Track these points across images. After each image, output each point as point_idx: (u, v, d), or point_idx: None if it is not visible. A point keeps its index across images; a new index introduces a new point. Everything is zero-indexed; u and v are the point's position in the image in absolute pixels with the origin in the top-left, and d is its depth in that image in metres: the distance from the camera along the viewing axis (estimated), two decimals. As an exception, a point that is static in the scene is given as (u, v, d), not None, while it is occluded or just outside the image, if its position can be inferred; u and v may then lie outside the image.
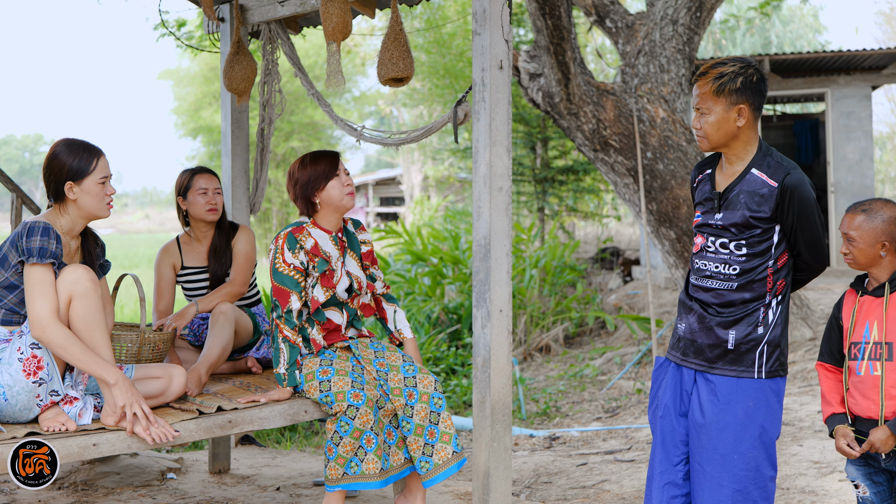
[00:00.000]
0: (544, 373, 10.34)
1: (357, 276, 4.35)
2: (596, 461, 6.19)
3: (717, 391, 3.34)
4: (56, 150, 3.78)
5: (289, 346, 4.15)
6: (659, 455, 3.52)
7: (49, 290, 3.59)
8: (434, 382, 4.20)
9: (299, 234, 4.21)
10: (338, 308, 4.32)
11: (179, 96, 33.24)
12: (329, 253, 4.25)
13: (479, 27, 4.14)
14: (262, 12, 5.45)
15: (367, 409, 3.97)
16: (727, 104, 3.31)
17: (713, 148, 3.41)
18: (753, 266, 3.32)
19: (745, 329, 3.32)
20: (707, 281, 3.40)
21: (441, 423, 4.14)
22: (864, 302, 3.37)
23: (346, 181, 4.29)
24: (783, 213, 3.29)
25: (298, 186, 4.28)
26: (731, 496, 3.31)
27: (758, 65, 3.38)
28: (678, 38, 8.51)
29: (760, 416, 3.32)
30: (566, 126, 8.44)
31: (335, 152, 4.35)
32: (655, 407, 3.56)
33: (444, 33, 18.89)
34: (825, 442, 5.73)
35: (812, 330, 8.66)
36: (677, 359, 3.49)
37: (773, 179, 3.30)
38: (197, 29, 10.99)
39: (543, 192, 17.09)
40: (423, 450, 4.11)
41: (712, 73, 3.34)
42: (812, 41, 37.51)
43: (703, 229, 3.44)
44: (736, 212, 3.33)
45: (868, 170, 13.52)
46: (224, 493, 5.15)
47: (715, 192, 3.42)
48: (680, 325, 3.51)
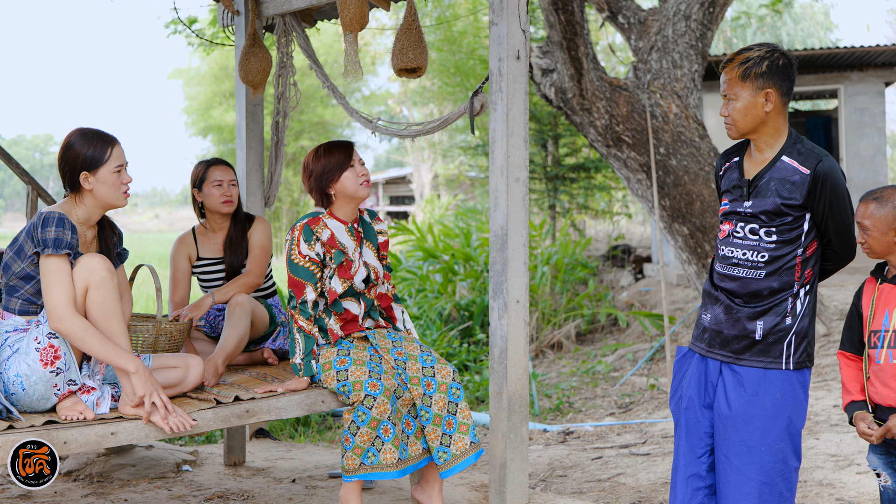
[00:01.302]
0: (556, 369, 10.33)
1: (374, 266, 4.34)
2: (611, 455, 6.18)
3: (744, 382, 3.31)
4: (71, 139, 3.77)
5: (304, 337, 4.15)
6: (683, 447, 3.49)
7: (65, 281, 3.59)
8: (452, 373, 4.17)
9: (315, 225, 4.20)
10: (355, 298, 4.31)
11: (190, 95, 33.34)
12: (345, 244, 4.24)
13: (497, 17, 4.13)
14: (277, 4, 5.45)
15: (385, 398, 3.96)
16: (754, 89, 3.28)
17: (742, 135, 3.37)
18: (783, 254, 3.29)
19: (774, 320, 3.29)
20: (734, 269, 3.36)
21: (459, 413, 4.12)
22: (884, 290, 3.35)
23: (361, 171, 4.27)
24: (815, 201, 3.26)
25: (313, 178, 4.25)
26: (759, 489, 3.29)
27: (785, 50, 3.35)
28: (691, 34, 8.48)
29: (788, 407, 3.29)
30: (579, 122, 8.42)
31: (349, 142, 4.32)
32: (679, 398, 3.53)
33: (455, 31, 18.88)
34: (842, 435, 5.71)
35: (826, 326, 8.63)
36: (702, 350, 3.46)
37: (804, 167, 3.27)
38: (211, 26, 10.99)
39: (554, 190, 17.07)
40: (440, 440, 4.09)
41: (738, 59, 3.31)
42: (823, 39, 37.41)
43: (731, 217, 3.41)
44: (767, 199, 3.29)
45: (881, 166, 13.48)
46: (239, 485, 5.15)
47: (744, 179, 3.38)
48: (705, 315, 3.47)
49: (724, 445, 3.36)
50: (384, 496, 4.90)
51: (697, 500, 3.44)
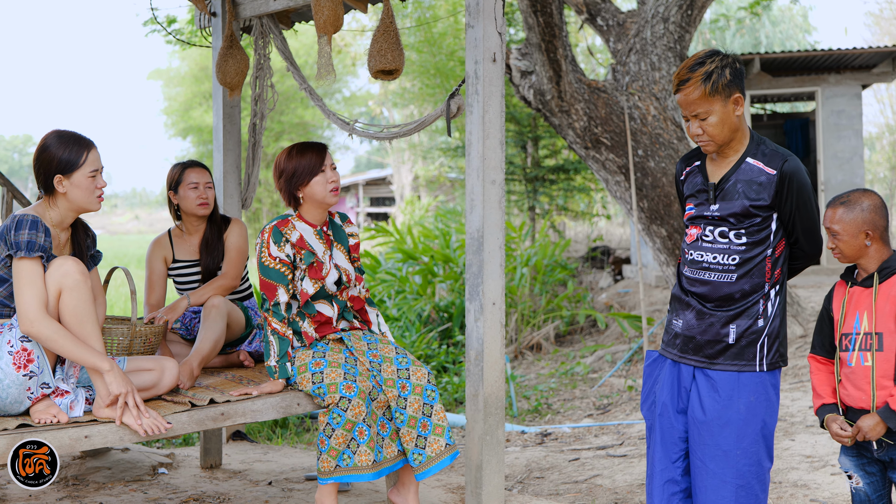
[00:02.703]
0: (535, 371, 10.34)
1: (346, 268, 4.33)
2: (588, 456, 6.19)
3: (718, 387, 3.33)
4: (47, 142, 3.75)
5: (278, 339, 4.15)
6: (659, 453, 3.50)
7: (37, 283, 3.57)
8: (427, 375, 4.16)
9: (284, 227, 4.20)
10: (327, 301, 4.31)
11: (169, 96, 33.21)
12: (314, 246, 4.23)
13: (473, 20, 4.14)
14: (255, 6, 5.44)
15: (360, 400, 3.95)
16: (724, 99, 3.26)
17: (720, 147, 3.35)
18: (753, 255, 3.30)
19: (746, 322, 3.31)
20: (704, 273, 3.36)
21: (434, 415, 4.11)
22: (854, 293, 3.37)
23: (332, 177, 4.24)
24: (782, 201, 3.28)
25: (283, 179, 4.23)
26: (735, 491, 3.31)
27: (730, 52, 3.37)
28: (669, 36, 8.51)
29: (761, 410, 3.32)
30: (557, 124, 8.44)
31: (323, 145, 4.30)
32: (652, 403, 3.55)
33: (435, 32, 18.88)
34: (817, 437, 5.74)
35: (803, 327, 8.67)
36: (675, 356, 3.46)
37: (770, 167, 3.28)
38: (188, 24, 10.96)
39: (534, 192, 17.10)
40: (415, 442, 4.08)
41: (697, 76, 3.25)
42: (802, 41, 37.60)
43: (699, 221, 3.42)
44: (734, 201, 3.30)
45: (858, 168, 13.56)
46: (216, 487, 5.14)
47: (709, 183, 3.39)
48: (676, 321, 3.47)
49: (699, 450, 3.37)
50: (360, 498, 4.89)
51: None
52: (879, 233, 3.30)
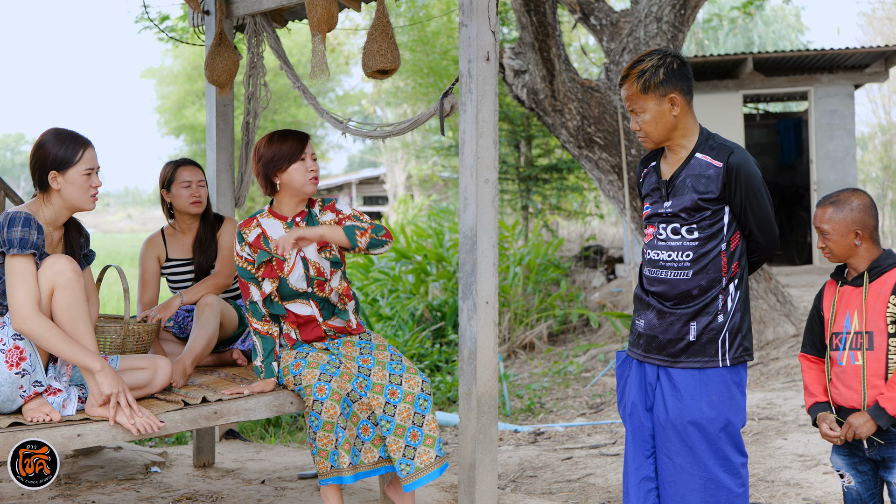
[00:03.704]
0: (528, 370, 10.35)
1: (315, 261, 4.16)
2: (581, 455, 6.20)
3: (679, 388, 3.38)
4: (43, 138, 3.76)
5: (261, 338, 4.14)
6: (632, 452, 3.57)
7: (29, 281, 3.56)
8: (421, 383, 4.05)
9: (246, 227, 4.15)
10: (302, 299, 4.18)
11: (162, 95, 33.14)
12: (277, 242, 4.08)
13: (466, 18, 4.14)
14: (248, 4, 5.44)
15: (333, 402, 3.89)
16: (657, 98, 3.35)
17: (658, 144, 3.45)
18: (707, 250, 3.35)
19: (706, 319, 3.35)
20: (661, 272, 3.42)
21: (426, 425, 4.00)
22: (844, 292, 3.38)
23: (311, 167, 4.15)
24: (731, 193, 3.33)
25: (262, 163, 4.14)
26: (704, 484, 3.36)
27: (675, 52, 3.43)
28: (662, 36, 8.52)
29: (725, 408, 3.36)
30: (551, 123, 8.44)
31: (305, 134, 4.22)
32: (625, 405, 3.61)
33: (428, 31, 18.88)
34: (809, 436, 5.76)
35: (795, 326, 8.69)
36: (639, 356, 3.52)
37: (717, 160, 3.35)
38: (181, 20, 10.95)
39: (527, 191, 17.11)
40: (403, 451, 3.97)
41: (634, 73, 3.38)
42: (794, 41, 37.66)
43: (654, 219, 3.48)
44: (684, 196, 3.37)
45: (851, 168, 13.60)
46: (209, 486, 5.13)
47: (662, 180, 3.46)
48: (638, 321, 3.53)
49: (665, 447, 3.43)
50: (354, 497, 4.89)
51: (650, 502, 3.51)
52: (869, 232, 3.31)
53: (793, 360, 7.85)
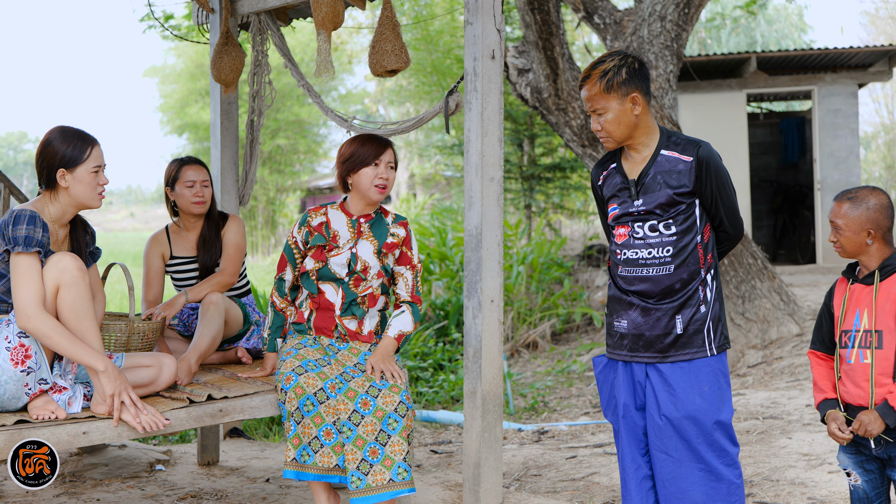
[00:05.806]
0: (532, 368, 10.35)
1: (366, 260, 4.21)
2: (585, 454, 6.19)
3: (670, 382, 3.43)
4: (50, 136, 3.76)
5: (274, 312, 4.31)
6: (629, 453, 3.60)
7: (34, 279, 3.56)
8: (397, 403, 3.93)
9: (315, 212, 4.31)
10: (335, 284, 4.22)
11: (165, 93, 33.10)
12: (338, 232, 4.24)
13: (472, 16, 4.14)
14: (252, 2, 5.43)
15: (294, 394, 3.91)
16: (620, 97, 3.40)
17: (620, 143, 3.49)
18: (685, 244, 3.41)
19: (691, 311, 3.42)
20: (642, 269, 3.46)
21: (389, 445, 3.89)
22: (855, 290, 3.38)
23: (383, 174, 4.20)
24: (703, 186, 3.40)
25: (339, 162, 4.29)
26: (704, 477, 3.41)
27: (635, 53, 3.46)
28: (666, 35, 8.52)
29: (716, 399, 3.42)
30: (554, 122, 8.44)
31: (387, 141, 4.28)
32: (615, 407, 3.63)
33: (432, 30, 18.86)
34: (814, 435, 5.75)
35: (799, 326, 8.68)
36: (625, 357, 3.55)
37: (686, 155, 3.41)
38: (185, 19, 10.95)
39: (530, 190, 17.08)
40: (358, 464, 3.88)
41: (596, 73, 3.42)
42: (797, 40, 37.63)
43: (625, 219, 3.51)
44: (658, 192, 3.42)
45: (854, 167, 13.58)
46: (213, 484, 5.13)
47: (629, 180, 3.49)
48: (619, 322, 3.56)
49: (661, 443, 3.47)
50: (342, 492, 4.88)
51: (652, 500, 3.57)
52: (882, 232, 3.31)
53: (797, 360, 7.84)
